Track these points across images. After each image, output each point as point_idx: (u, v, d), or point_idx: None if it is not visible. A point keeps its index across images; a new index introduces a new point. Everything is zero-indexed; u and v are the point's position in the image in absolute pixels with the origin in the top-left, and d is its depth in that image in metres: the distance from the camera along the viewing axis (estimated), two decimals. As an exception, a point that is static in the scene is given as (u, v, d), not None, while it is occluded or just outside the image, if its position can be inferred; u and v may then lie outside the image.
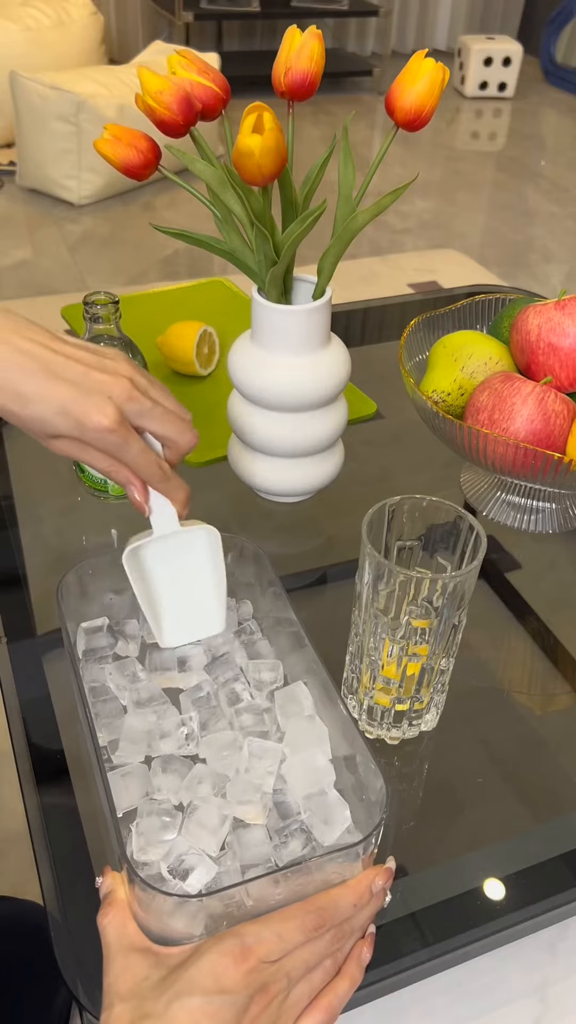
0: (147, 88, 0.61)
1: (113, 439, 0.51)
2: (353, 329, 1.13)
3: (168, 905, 0.44)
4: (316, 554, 0.79)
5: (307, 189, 0.68)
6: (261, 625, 0.64)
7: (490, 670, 0.68)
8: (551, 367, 0.74)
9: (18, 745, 0.59)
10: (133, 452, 0.52)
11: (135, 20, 4.25)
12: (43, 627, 0.68)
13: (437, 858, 0.56)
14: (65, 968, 0.48)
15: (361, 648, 0.58)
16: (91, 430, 0.51)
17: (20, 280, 2.53)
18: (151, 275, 2.62)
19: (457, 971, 0.53)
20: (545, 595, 0.75)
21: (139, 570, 0.59)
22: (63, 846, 0.53)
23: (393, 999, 0.51)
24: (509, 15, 5.00)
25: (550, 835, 0.57)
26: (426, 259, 2.82)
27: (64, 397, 0.50)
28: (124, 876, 0.46)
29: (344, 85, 4.39)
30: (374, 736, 0.61)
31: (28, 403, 0.50)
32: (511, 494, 0.80)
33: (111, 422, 0.50)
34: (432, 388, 0.79)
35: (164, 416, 0.54)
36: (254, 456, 0.76)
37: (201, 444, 0.88)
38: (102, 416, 0.50)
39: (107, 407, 0.51)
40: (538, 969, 0.56)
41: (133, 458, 0.53)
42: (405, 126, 0.64)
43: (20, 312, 0.53)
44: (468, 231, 3.06)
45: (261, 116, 0.59)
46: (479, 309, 0.89)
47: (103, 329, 0.72)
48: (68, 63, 3.23)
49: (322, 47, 0.64)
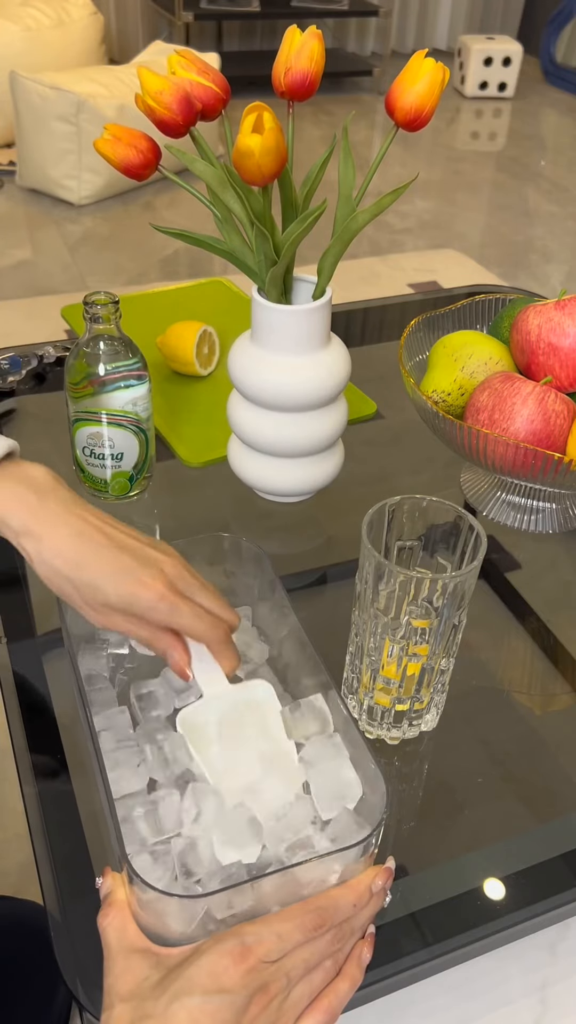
0: (147, 88, 0.61)
1: (164, 606, 0.52)
2: (353, 329, 1.13)
3: (168, 905, 0.44)
4: (316, 554, 0.79)
5: (307, 189, 0.68)
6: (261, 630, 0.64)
7: (490, 670, 0.68)
8: (551, 367, 0.74)
9: (18, 745, 0.59)
10: (186, 616, 0.53)
11: (135, 20, 4.25)
12: (43, 627, 0.68)
13: (437, 858, 0.56)
14: (65, 968, 0.48)
15: (361, 648, 0.58)
16: (144, 598, 0.52)
17: (20, 280, 2.53)
18: (151, 275, 2.62)
19: (457, 971, 0.52)
20: (545, 595, 0.75)
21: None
22: (63, 846, 0.53)
23: (393, 999, 0.51)
24: (509, 15, 5.00)
25: (550, 835, 0.57)
26: (426, 259, 2.82)
27: (119, 565, 0.52)
28: (124, 877, 0.46)
29: (344, 85, 4.38)
30: (374, 736, 0.61)
31: (84, 569, 0.52)
32: (511, 494, 0.80)
33: (164, 586, 0.52)
34: (432, 388, 0.79)
35: (210, 596, 0.55)
36: (254, 456, 0.76)
37: (201, 444, 0.88)
38: (155, 582, 0.52)
39: (159, 576, 0.52)
40: (538, 969, 0.56)
41: (187, 622, 0.53)
42: (405, 126, 0.64)
43: (20, 311, 0.53)
44: (468, 231, 3.06)
45: (261, 116, 0.59)
46: (479, 309, 0.89)
47: (103, 329, 0.72)
48: (68, 63, 3.23)
49: (322, 47, 0.64)
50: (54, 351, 0.98)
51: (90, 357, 0.73)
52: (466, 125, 4.12)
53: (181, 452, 0.86)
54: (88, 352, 0.73)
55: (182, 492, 0.83)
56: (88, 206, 2.97)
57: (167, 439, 0.87)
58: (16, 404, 0.91)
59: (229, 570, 0.65)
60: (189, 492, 0.83)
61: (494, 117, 4.22)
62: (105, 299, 0.71)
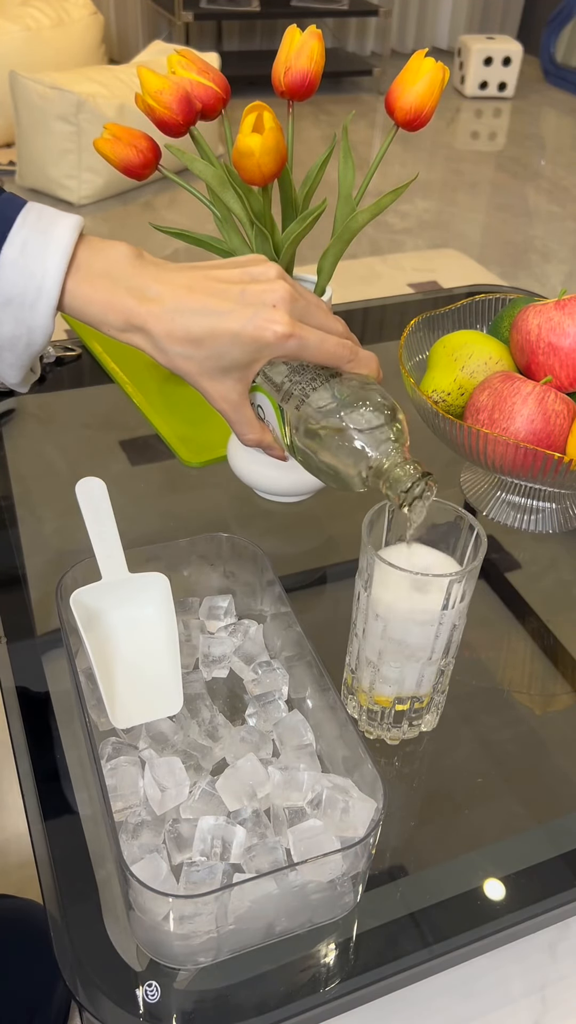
0: (147, 88, 0.61)
1: (292, 344, 0.51)
2: (353, 329, 1.12)
3: (166, 906, 0.44)
4: (316, 554, 0.79)
5: (307, 189, 0.67)
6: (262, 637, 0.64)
7: (490, 670, 0.68)
8: (551, 367, 0.74)
9: (18, 745, 0.59)
10: (313, 345, 0.52)
11: (135, 20, 4.25)
12: (43, 627, 0.68)
13: (437, 858, 0.55)
14: (64, 968, 0.48)
15: (361, 648, 0.58)
16: (270, 345, 0.51)
17: (20, 280, 2.52)
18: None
19: (457, 971, 0.52)
20: (545, 595, 0.75)
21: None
22: (63, 846, 0.53)
23: (393, 999, 0.51)
24: (509, 15, 5.00)
25: (550, 835, 0.57)
26: (426, 259, 2.82)
27: (233, 326, 0.51)
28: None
29: (344, 85, 4.38)
30: (374, 736, 0.61)
31: (202, 344, 0.51)
32: (511, 494, 0.80)
33: (285, 327, 0.51)
34: (432, 388, 0.79)
35: (323, 312, 0.55)
36: (254, 456, 0.76)
37: (201, 444, 0.88)
38: (276, 325, 0.51)
39: (276, 314, 0.51)
40: (538, 969, 0.56)
41: (316, 351, 0.53)
42: (405, 126, 0.64)
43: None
44: (468, 231, 3.06)
45: (261, 116, 0.59)
46: (479, 309, 0.89)
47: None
48: (68, 63, 3.23)
49: (322, 47, 0.64)
50: (54, 351, 0.98)
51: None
52: (466, 125, 4.11)
53: (181, 452, 0.86)
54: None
55: (182, 492, 0.83)
56: (88, 206, 2.97)
57: (167, 439, 0.87)
58: (16, 404, 0.91)
59: (229, 570, 0.65)
60: (189, 492, 0.83)
61: (494, 117, 4.22)
62: None
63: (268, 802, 0.52)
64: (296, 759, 0.54)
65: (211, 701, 0.59)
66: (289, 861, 0.48)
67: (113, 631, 0.60)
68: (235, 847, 0.48)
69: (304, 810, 0.50)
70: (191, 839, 0.49)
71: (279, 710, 0.58)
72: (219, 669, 0.61)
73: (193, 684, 0.59)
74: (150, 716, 0.56)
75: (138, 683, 0.58)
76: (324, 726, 0.56)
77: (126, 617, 0.60)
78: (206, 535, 0.64)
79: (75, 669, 0.57)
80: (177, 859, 0.49)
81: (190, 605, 0.64)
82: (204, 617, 0.64)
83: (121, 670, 0.58)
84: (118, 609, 0.59)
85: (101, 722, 0.56)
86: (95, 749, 0.51)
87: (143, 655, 0.59)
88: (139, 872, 0.46)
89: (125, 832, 0.50)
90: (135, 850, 0.49)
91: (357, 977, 0.49)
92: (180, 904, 0.44)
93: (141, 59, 3.22)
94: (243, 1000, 0.48)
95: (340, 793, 0.50)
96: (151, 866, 0.48)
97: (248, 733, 0.56)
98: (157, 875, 0.47)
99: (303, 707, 0.59)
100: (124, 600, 0.59)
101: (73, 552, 0.75)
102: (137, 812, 0.51)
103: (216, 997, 0.48)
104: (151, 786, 0.52)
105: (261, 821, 0.51)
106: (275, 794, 0.52)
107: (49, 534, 0.77)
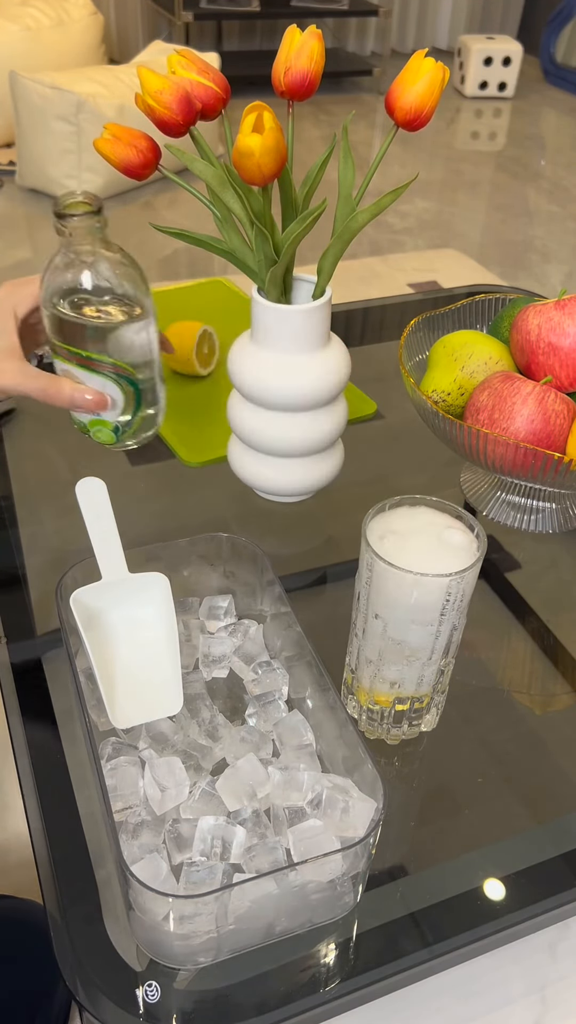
0: (147, 88, 0.61)
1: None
2: (353, 329, 1.13)
3: (166, 906, 0.44)
4: (316, 554, 0.79)
5: (307, 189, 0.67)
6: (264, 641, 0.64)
7: (490, 670, 0.68)
8: (551, 367, 0.74)
9: (18, 745, 0.59)
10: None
11: (135, 20, 4.25)
12: (43, 627, 0.68)
13: (437, 858, 0.55)
14: (65, 968, 0.48)
15: (361, 648, 0.58)
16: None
17: (20, 280, 2.53)
18: (151, 275, 2.61)
19: (457, 971, 0.52)
20: (545, 595, 0.75)
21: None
22: (63, 846, 0.53)
23: (393, 999, 0.51)
24: (509, 15, 5.00)
25: (550, 835, 0.57)
26: (426, 259, 2.82)
27: None
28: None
29: (344, 85, 4.38)
30: (374, 736, 0.61)
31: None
32: (511, 494, 0.80)
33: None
34: (432, 388, 0.79)
35: None
36: (254, 456, 0.76)
37: (201, 444, 0.88)
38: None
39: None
40: (538, 969, 0.56)
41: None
42: (405, 126, 0.64)
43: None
44: (468, 231, 3.06)
45: (261, 116, 0.59)
46: (479, 309, 0.89)
47: (85, 250, 0.61)
48: (68, 63, 3.23)
49: (322, 47, 0.63)
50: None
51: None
52: (466, 125, 4.11)
53: (181, 452, 0.86)
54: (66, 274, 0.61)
55: (182, 492, 0.83)
56: (88, 206, 2.97)
57: (167, 439, 0.87)
58: (16, 404, 0.91)
59: (229, 570, 0.65)
60: (189, 492, 0.83)
61: (494, 117, 4.22)
62: (85, 202, 0.60)
63: (268, 802, 0.52)
64: (296, 759, 0.54)
65: (211, 701, 0.59)
66: (289, 861, 0.48)
67: (113, 631, 0.59)
68: (235, 847, 0.48)
69: (304, 810, 0.50)
70: (191, 839, 0.49)
71: (279, 710, 0.58)
72: (219, 669, 0.61)
73: (193, 684, 0.59)
74: (150, 716, 0.56)
75: (138, 683, 0.58)
76: (324, 726, 0.56)
77: (126, 617, 0.60)
78: (206, 535, 0.64)
79: (75, 669, 0.57)
80: (177, 859, 0.49)
81: (190, 605, 0.64)
82: (204, 617, 0.64)
83: (121, 670, 0.58)
84: (118, 609, 0.59)
85: (101, 722, 0.56)
86: (95, 749, 0.51)
87: (143, 655, 0.59)
88: (139, 872, 0.46)
89: (125, 832, 0.50)
90: (135, 850, 0.49)
91: (357, 977, 0.49)
92: (180, 904, 0.44)
93: (141, 59, 3.22)
94: (243, 1000, 0.48)
95: (340, 793, 0.50)
96: (151, 866, 0.48)
97: (248, 733, 0.56)
98: (157, 875, 0.47)
99: (303, 707, 0.59)
100: (124, 600, 0.59)
101: (73, 552, 0.75)
102: (137, 812, 0.51)
103: (216, 997, 0.48)
104: (151, 786, 0.52)
105: (261, 821, 0.51)
106: (275, 794, 0.52)
107: (49, 534, 0.77)
